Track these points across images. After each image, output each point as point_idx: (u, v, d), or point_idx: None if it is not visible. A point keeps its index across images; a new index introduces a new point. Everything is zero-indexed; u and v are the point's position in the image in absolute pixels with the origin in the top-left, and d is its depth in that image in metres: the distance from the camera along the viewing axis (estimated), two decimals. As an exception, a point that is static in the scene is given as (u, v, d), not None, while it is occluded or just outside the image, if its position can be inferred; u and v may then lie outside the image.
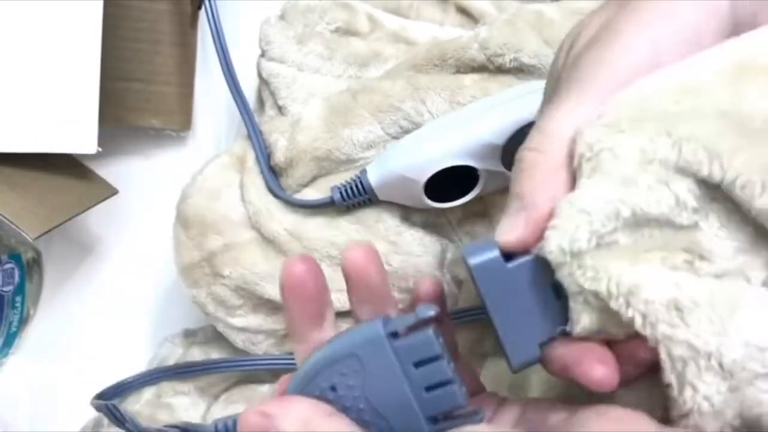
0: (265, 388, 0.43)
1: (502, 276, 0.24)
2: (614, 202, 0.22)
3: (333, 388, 0.24)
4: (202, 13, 0.48)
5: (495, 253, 0.24)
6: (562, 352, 0.24)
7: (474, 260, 0.24)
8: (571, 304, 0.23)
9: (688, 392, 0.21)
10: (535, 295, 0.24)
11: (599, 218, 0.22)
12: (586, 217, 0.22)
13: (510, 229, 0.24)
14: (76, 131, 0.40)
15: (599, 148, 0.22)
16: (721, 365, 0.21)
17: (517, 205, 0.24)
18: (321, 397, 0.25)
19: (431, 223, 0.41)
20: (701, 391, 0.21)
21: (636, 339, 0.23)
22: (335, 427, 0.24)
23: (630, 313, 0.22)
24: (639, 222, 0.22)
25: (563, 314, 0.24)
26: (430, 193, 0.37)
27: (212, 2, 0.44)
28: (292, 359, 0.41)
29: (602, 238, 0.22)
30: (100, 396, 0.41)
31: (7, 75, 0.39)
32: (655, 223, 0.22)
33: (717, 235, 0.22)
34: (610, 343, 0.24)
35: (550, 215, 0.23)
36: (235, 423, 0.27)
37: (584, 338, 0.24)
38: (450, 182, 0.36)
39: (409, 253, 0.39)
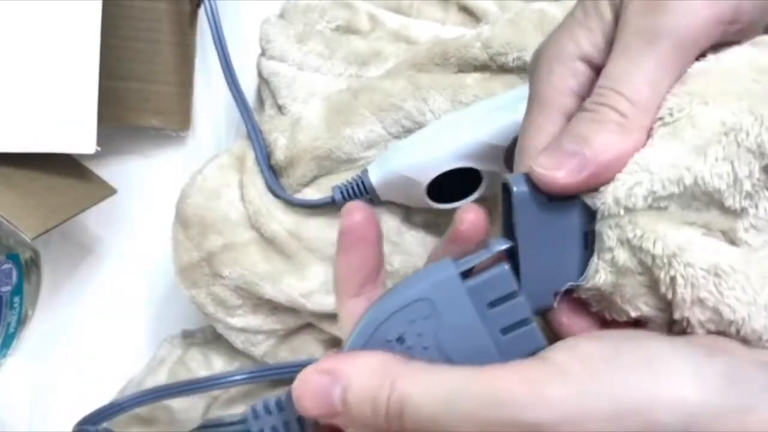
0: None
1: (540, 212, 0.23)
2: (680, 168, 0.22)
3: (400, 339, 0.22)
4: (201, 13, 0.48)
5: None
6: (566, 322, 0.24)
7: (519, 187, 0.23)
8: (595, 258, 0.23)
9: None
10: (566, 240, 0.23)
11: (660, 179, 0.22)
12: (648, 175, 0.22)
13: (558, 166, 0.22)
14: (74, 131, 0.39)
15: (680, 115, 0.23)
16: (738, 332, 0.22)
17: (575, 147, 0.22)
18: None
19: (432, 224, 0.40)
20: None
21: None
22: (421, 371, 0.21)
23: (672, 273, 0.22)
24: (695, 194, 0.22)
25: (584, 267, 0.23)
26: (431, 194, 0.37)
27: (212, 1, 0.43)
28: (285, 368, 0.41)
29: (657, 201, 0.22)
30: (87, 421, 0.37)
31: (6, 75, 0.39)
32: (706, 199, 0.22)
33: (754, 226, 0.23)
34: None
35: (609, 173, 0.23)
36: (278, 401, 0.24)
37: (587, 310, 0.24)
38: (452, 183, 0.36)
39: (410, 253, 0.39)
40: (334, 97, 0.40)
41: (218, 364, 0.44)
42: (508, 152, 0.35)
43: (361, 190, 0.38)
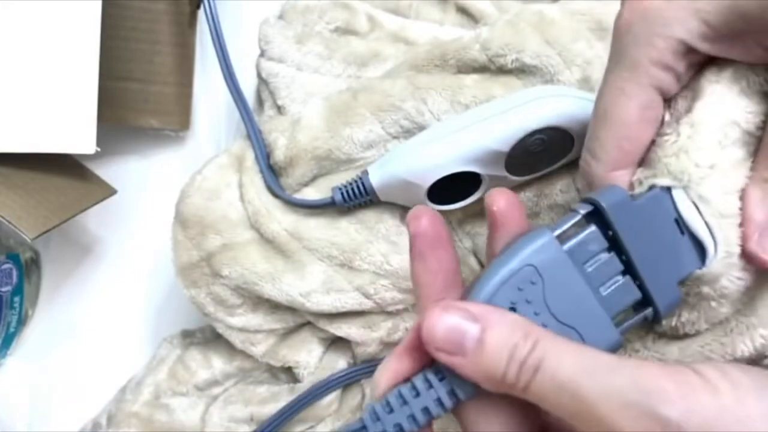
0: (263, 389, 0.43)
1: (632, 214, 0.23)
2: None
3: (513, 309, 0.22)
4: (201, 13, 0.48)
5: (624, 194, 0.24)
6: None
7: (606, 201, 0.23)
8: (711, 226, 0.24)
9: None
10: (664, 232, 0.24)
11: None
12: None
13: None
14: (74, 131, 0.39)
15: None
16: None
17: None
18: None
19: (431, 224, 0.40)
20: None
21: None
22: (564, 340, 0.21)
23: None
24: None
25: (689, 251, 0.24)
26: (431, 195, 0.37)
27: (211, 2, 0.43)
28: None
29: None
30: None
31: (5, 75, 0.39)
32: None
33: None
34: None
35: None
36: (400, 395, 0.23)
37: None
38: (452, 185, 0.36)
39: (410, 253, 0.39)
40: (333, 98, 0.40)
41: (218, 363, 0.44)
42: (510, 156, 0.35)
43: (361, 191, 0.38)
